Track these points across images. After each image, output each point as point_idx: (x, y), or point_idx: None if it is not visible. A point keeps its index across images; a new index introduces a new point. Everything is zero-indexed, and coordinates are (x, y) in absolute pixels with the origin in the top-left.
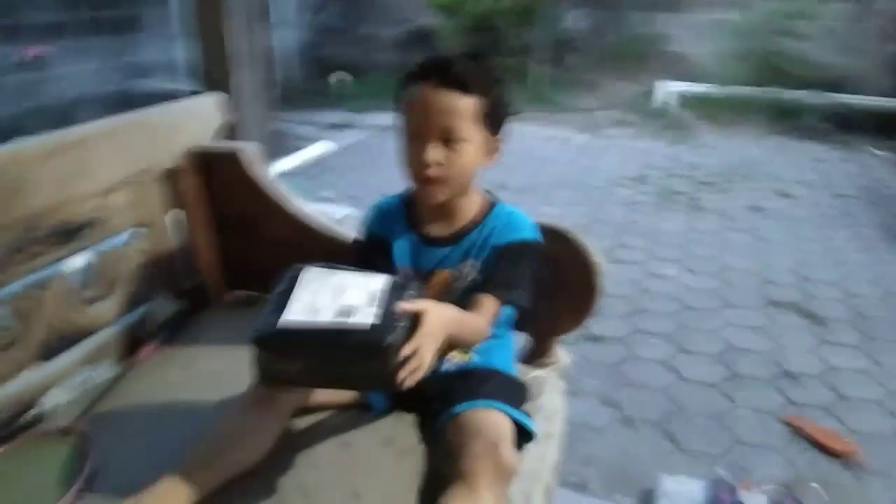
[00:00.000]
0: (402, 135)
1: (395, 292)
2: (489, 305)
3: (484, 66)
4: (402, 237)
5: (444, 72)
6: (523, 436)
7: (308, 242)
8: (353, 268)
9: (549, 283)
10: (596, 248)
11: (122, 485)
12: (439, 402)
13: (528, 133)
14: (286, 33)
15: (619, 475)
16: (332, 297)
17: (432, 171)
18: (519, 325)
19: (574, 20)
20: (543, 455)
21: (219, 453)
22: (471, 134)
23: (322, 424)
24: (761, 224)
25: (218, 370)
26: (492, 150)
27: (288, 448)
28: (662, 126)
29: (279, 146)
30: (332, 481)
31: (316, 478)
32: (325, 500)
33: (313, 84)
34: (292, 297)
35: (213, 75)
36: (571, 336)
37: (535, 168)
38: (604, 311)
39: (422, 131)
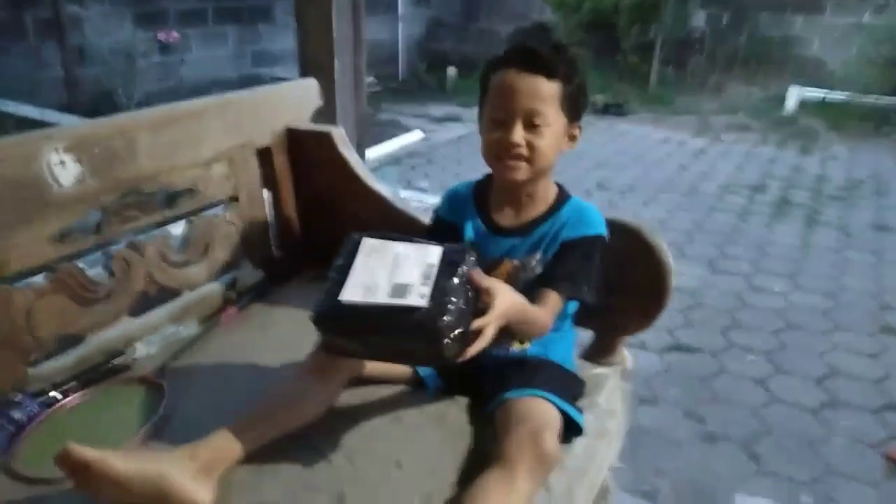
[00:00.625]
0: (486, 120)
1: (450, 267)
2: (553, 300)
3: (566, 54)
4: (470, 224)
5: (529, 57)
6: (572, 429)
7: (388, 223)
8: (409, 237)
9: (616, 281)
10: (667, 247)
11: (187, 432)
12: (492, 387)
13: (641, 134)
14: (412, 27)
15: (693, 490)
16: (388, 274)
17: (516, 151)
18: (582, 320)
19: (700, 20)
20: (593, 452)
21: (273, 413)
22: (553, 118)
23: (375, 397)
24: (886, 244)
25: (290, 337)
26: (571, 137)
27: (340, 416)
28: (789, 134)
29: (381, 134)
30: (377, 450)
31: (363, 445)
32: (368, 466)
33: (431, 77)
34: (350, 272)
35: (312, 61)
36: (660, 344)
37: (643, 169)
38: (698, 322)
39: (507, 115)
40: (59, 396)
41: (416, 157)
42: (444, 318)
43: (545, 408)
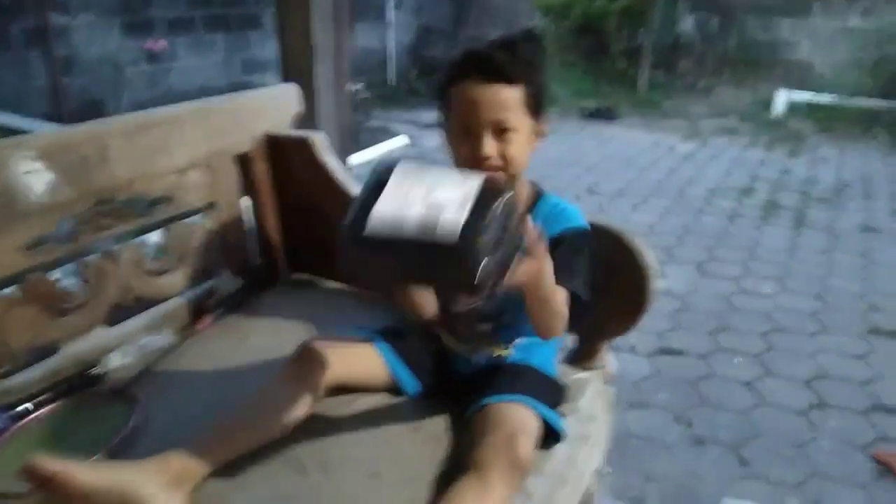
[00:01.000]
0: (451, 131)
1: (492, 194)
2: (560, 296)
3: (523, 53)
4: None
5: (486, 66)
6: (553, 436)
7: None
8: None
9: (599, 285)
10: (649, 251)
11: (160, 444)
12: (471, 393)
13: (630, 138)
14: (400, 35)
15: (682, 494)
16: (424, 193)
17: (489, 164)
18: (572, 324)
19: (688, 24)
20: (575, 457)
21: (246, 422)
22: (520, 122)
23: (353, 405)
24: (874, 246)
25: (270, 346)
26: (539, 133)
27: (317, 425)
28: (777, 137)
29: (369, 140)
30: (354, 460)
31: (339, 455)
32: (345, 477)
33: (421, 84)
34: (386, 188)
35: (293, 67)
36: (648, 348)
37: (632, 174)
38: (687, 325)
39: (473, 127)
40: (31, 408)
41: None
42: (483, 236)
43: (522, 413)
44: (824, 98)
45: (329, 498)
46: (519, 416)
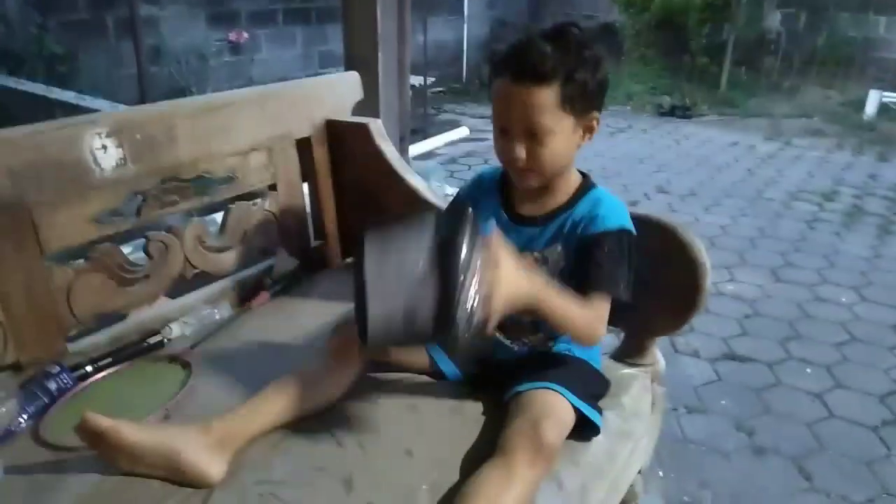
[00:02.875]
0: (493, 124)
1: (448, 249)
2: (599, 304)
3: (564, 46)
4: (492, 211)
5: (520, 65)
6: (591, 428)
7: None
8: (399, 221)
9: (648, 281)
10: (702, 246)
11: (209, 410)
12: (510, 380)
13: (707, 137)
14: (474, 28)
15: (738, 503)
16: (395, 268)
17: (521, 165)
18: (613, 319)
19: (775, 20)
20: (614, 453)
21: (289, 393)
22: (556, 124)
23: (394, 385)
24: None
25: (319, 325)
26: (588, 129)
27: (356, 401)
28: (867, 140)
29: (431, 131)
30: (390, 438)
31: (376, 432)
32: (379, 452)
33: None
34: (367, 279)
35: (357, 55)
36: (713, 353)
37: (707, 174)
38: (755, 332)
39: (506, 127)
40: (90, 371)
41: (472, 156)
42: (456, 328)
43: (551, 399)
44: None
45: (361, 471)
46: (547, 402)
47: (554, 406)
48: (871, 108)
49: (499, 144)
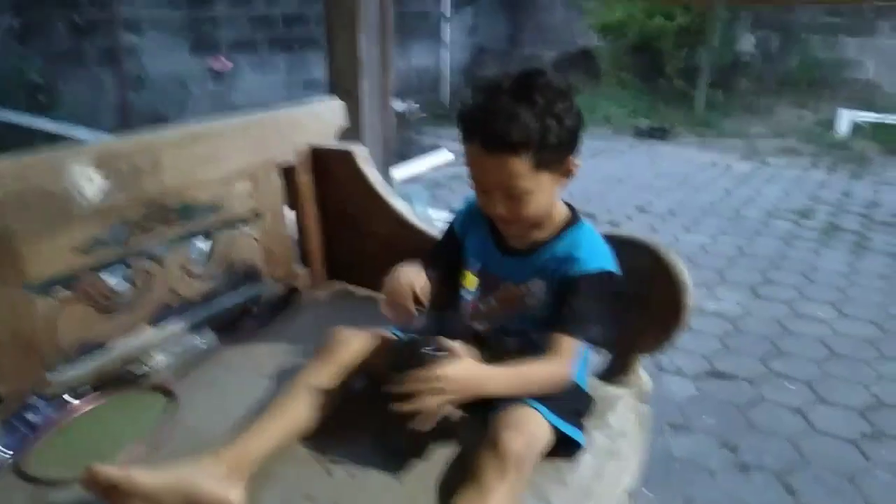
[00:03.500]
0: (471, 181)
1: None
2: (566, 346)
3: (532, 105)
4: (480, 238)
5: (487, 137)
6: (575, 445)
7: (407, 241)
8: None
9: (632, 300)
10: (683, 265)
11: (196, 438)
12: (495, 401)
13: (685, 157)
14: (457, 53)
15: None
16: None
17: (504, 218)
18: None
19: (748, 43)
20: (601, 472)
21: (288, 406)
22: (534, 184)
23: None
24: None
25: (304, 351)
26: (566, 174)
27: (344, 427)
28: (840, 158)
29: (413, 155)
30: (379, 463)
31: (364, 457)
32: (368, 478)
33: None
34: None
35: (340, 81)
36: (695, 370)
37: (686, 193)
38: (737, 349)
39: (483, 188)
40: (75, 401)
41: (456, 179)
42: None
43: (522, 414)
44: (891, 119)
45: (350, 500)
46: (515, 416)
47: (521, 419)
48: (843, 127)
49: (481, 199)
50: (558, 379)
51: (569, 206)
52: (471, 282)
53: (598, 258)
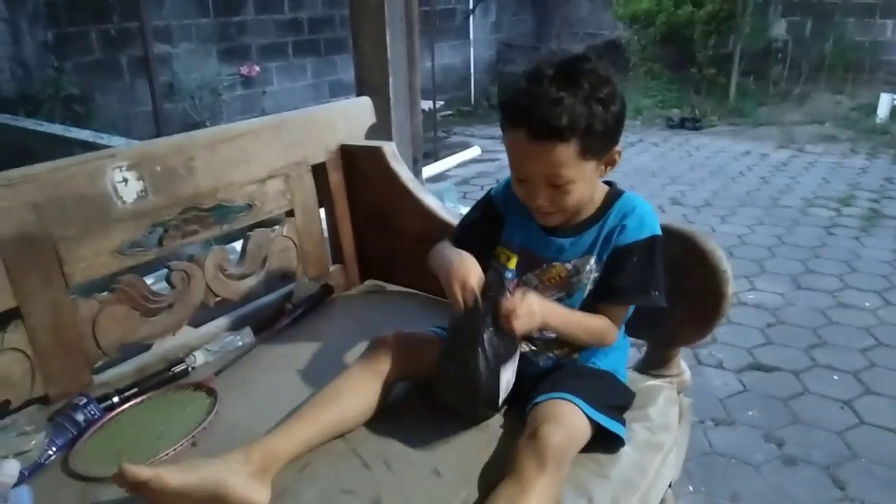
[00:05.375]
0: (511, 171)
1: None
2: (615, 313)
3: (578, 91)
4: (522, 218)
5: (534, 122)
6: (617, 440)
7: (438, 237)
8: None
9: (670, 289)
10: (722, 253)
11: (236, 436)
12: (533, 393)
13: (719, 147)
14: (483, 51)
15: None
16: None
17: (543, 211)
18: (635, 330)
19: (781, 28)
20: (644, 466)
21: (322, 411)
22: (578, 173)
23: (420, 403)
24: None
25: (342, 347)
26: (610, 163)
27: (383, 420)
28: (881, 143)
29: (443, 153)
30: (417, 457)
31: (403, 451)
32: (406, 472)
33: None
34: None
35: (368, 80)
36: (738, 363)
37: (721, 184)
38: (780, 340)
39: (526, 177)
40: (117, 401)
41: (483, 176)
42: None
43: (562, 408)
44: None
45: (389, 492)
46: (555, 411)
47: (560, 413)
48: (882, 111)
49: (520, 190)
50: (605, 337)
51: (607, 182)
52: (510, 260)
53: (648, 224)
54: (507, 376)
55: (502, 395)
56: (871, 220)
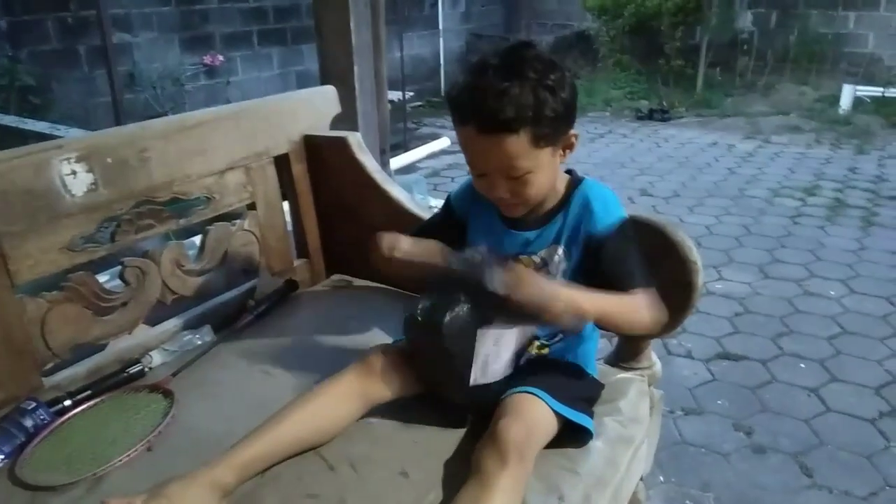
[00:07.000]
0: (469, 167)
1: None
2: (642, 299)
3: (523, 79)
4: (484, 217)
5: (481, 117)
6: (583, 433)
7: (405, 230)
8: None
9: None
10: (692, 244)
11: (196, 439)
12: (501, 391)
13: (687, 138)
14: (453, 41)
15: None
16: None
17: (506, 201)
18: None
19: (747, 20)
20: (615, 460)
21: (298, 426)
22: (534, 162)
23: (385, 403)
24: None
25: (307, 345)
26: (567, 147)
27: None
28: (844, 134)
29: (412, 144)
30: (383, 458)
31: (369, 453)
32: (372, 474)
33: None
34: None
35: (332, 68)
36: (706, 353)
37: (689, 175)
38: (747, 329)
39: (482, 172)
40: (69, 404)
41: (454, 168)
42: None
43: (523, 402)
44: (892, 92)
45: (355, 495)
46: (516, 405)
47: (521, 406)
48: (845, 102)
49: (480, 185)
50: (635, 323)
51: (567, 171)
52: None
53: (613, 209)
54: (486, 350)
55: (478, 371)
56: (836, 210)
